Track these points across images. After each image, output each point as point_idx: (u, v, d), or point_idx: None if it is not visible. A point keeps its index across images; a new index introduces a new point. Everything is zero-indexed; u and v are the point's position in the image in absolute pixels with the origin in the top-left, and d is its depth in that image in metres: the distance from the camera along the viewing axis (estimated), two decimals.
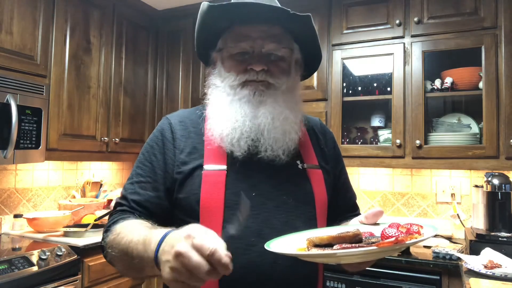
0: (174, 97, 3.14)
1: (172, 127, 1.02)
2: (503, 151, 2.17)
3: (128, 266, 0.83)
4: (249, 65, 0.96)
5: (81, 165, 3.05)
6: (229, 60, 0.99)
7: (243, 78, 0.96)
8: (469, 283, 1.58)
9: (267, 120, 0.95)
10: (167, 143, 1.00)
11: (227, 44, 1.00)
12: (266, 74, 0.96)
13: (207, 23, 1.01)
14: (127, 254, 0.80)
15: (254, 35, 0.96)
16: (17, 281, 1.80)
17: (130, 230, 0.84)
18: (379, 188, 2.80)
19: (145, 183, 0.97)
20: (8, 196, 2.54)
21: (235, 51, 0.98)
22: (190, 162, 0.96)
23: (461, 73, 2.36)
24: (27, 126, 2.19)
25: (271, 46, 0.96)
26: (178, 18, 3.16)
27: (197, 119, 1.05)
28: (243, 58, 0.97)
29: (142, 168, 1.00)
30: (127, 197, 0.97)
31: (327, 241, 0.73)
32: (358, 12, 2.57)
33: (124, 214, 0.94)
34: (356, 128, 2.76)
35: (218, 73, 1.03)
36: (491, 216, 2.14)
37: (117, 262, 0.88)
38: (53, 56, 2.39)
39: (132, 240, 0.79)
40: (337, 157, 1.15)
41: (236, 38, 0.97)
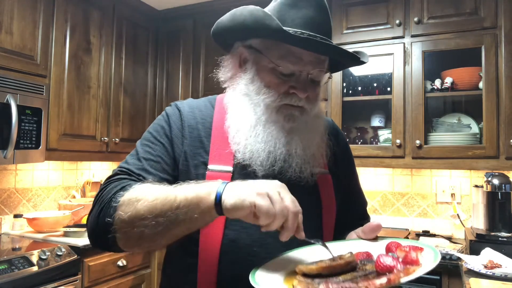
0: (174, 97, 3.14)
1: (181, 114, 0.96)
2: (503, 151, 2.17)
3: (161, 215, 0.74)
4: (292, 88, 0.89)
5: (81, 165, 3.05)
6: (270, 74, 0.90)
7: (283, 101, 0.89)
8: (469, 283, 1.58)
9: (299, 148, 0.91)
10: (175, 130, 0.94)
11: (270, 54, 0.89)
12: (306, 100, 0.90)
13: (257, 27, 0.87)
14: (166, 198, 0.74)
15: (305, 59, 0.88)
16: (17, 281, 1.80)
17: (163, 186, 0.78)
18: (379, 188, 2.80)
19: (155, 162, 0.89)
20: (8, 196, 2.54)
21: (283, 71, 0.89)
22: (194, 156, 0.91)
23: (461, 73, 2.36)
24: (27, 126, 2.19)
25: (318, 74, 0.91)
26: (178, 18, 3.16)
27: (207, 110, 0.98)
28: (288, 78, 0.89)
29: (151, 146, 0.92)
30: (133, 171, 0.87)
31: (316, 271, 0.68)
32: (358, 12, 2.57)
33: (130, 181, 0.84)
34: (356, 128, 2.76)
35: (250, 80, 0.93)
36: (491, 216, 2.14)
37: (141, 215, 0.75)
38: (53, 56, 2.39)
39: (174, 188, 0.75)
40: (349, 161, 1.11)
41: (286, 56, 0.88)
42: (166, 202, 0.74)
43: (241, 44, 0.95)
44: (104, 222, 0.78)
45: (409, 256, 0.67)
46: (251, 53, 0.94)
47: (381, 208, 2.79)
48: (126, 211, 0.76)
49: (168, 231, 0.75)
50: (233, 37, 0.96)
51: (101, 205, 0.81)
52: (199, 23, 3.08)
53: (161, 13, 3.21)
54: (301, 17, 0.88)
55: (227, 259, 0.85)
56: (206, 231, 0.86)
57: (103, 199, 0.82)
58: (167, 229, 0.75)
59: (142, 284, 2.63)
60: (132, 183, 0.81)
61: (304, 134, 0.92)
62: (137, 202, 0.75)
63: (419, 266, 0.65)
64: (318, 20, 0.90)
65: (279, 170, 0.90)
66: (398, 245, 0.73)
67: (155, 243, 0.78)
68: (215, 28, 0.97)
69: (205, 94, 2.98)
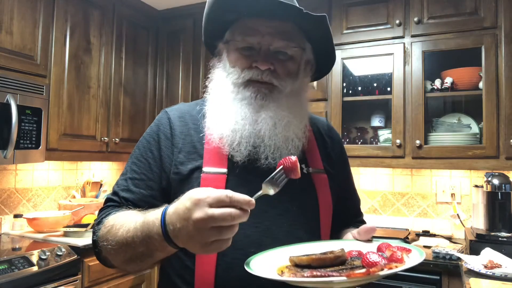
0: (174, 97, 3.14)
1: (171, 123, 0.96)
2: (503, 151, 2.17)
3: (130, 257, 0.79)
4: (254, 62, 0.90)
5: (81, 165, 3.05)
6: (234, 53, 0.94)
7: (247, 76, 0.90)
8: (469, 283, 1.58)
9: (268, 125, 0.89)
10: (165, 140, 0.94)
11: (234, 36, 0.94)
12: (272, 74, 0.90)
13: (215, 13, 0.95)
14: (127, 245, 0.77)
15: (263, 30, 0.90)
16: (17, 281, 1.80)
17: (124, 220, 0.80)
18: (379, 188, 2.80)
19: (139, 180, 0.92)
20: (8, 196, 2.54)
21: (241, 45, 0.92)
22: (188, 162, 0.91)
23: (461, 73, 2.36)
24: (27, 126, 2.19)
25: (280, 43, 0.90)
26: (178, 18, 3.16)
27: (197, 115, 0.98)
28: (249, 53, 0.91)
29: (137, 164, 0.94)
30: (119, 193, 0.92)
31: (306, 262, 0.70)
32: (358, 12, 2.57)
33: (114, 208, 0.90)
34: (356, 128, 2.76)
35: (222, 66, 0.97)
36: (491, 216, 2.14)
37: (115, 255, 0.82)
38: (53, 56, 2.39)
39: (130, 230, 0.76)
40: (344, 161, 1.10)
41: (244, 31, 0.91)
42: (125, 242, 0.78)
43: (221, 43, 0.99)
44: (95, 251, 0.90)
45: (395, 255, 0.70)
46: (224, 45, 0.98)
47: (381, 208, 2.79)
48: (103, 247, 0.84)
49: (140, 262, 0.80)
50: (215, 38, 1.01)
51: (92, 235, 0.92)
52: (199, 23, 3.05)
53: (161, 13, 3.21)
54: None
55: (224, 261, 0.85)
56: None
57: (93, 229, 0.92)
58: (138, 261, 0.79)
59: (142, 284, 2.63)
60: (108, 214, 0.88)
61: (275, 113, 0.90)
62: (107, 242, 0.82)
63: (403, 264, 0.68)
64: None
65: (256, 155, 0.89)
66: (388, 246, 0.75)
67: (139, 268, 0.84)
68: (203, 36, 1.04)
69: (206, 87, 2.97)
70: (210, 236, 0.65)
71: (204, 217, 0.63)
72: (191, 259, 0.87)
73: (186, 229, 0.66)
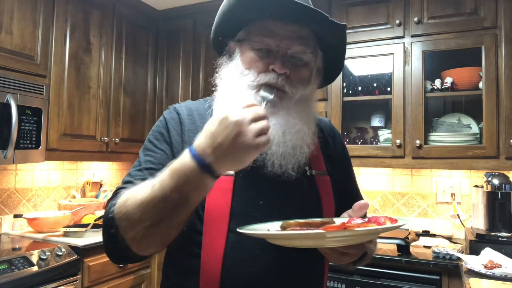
0: (174, 97, 3.14)
1: (181, 119, 0.95)
2: (503, 151, 2.17)
3: (158, 214, 0.73)
4: (271, 64, 0.88)
5: (81, 165, 3.05)
6: (250, 54, 0.91)
7: (263, 80, 0.88)
8: (469, 283, 1.58)
9: (277, 132, 0.87)
10: (176, 136, 0.93)
11: (250, 36, 0.92)
12: (286, 80, 0.88)
13: (235, 10, 0.91)
14: (155, 198, 0.72)
15: (282, 33, 0.88)
16: (17, 281, 1.80)
17: (142, 185, 0.77)
18: (379, 188, 2.80)
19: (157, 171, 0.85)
20: (8, 196, 2.54)
21: (258, 46, 0.90)
22: None
23: (461, 73, 2.36)
24: (27, 126, 2.19)
25: (298, 48, 0.89)
26: (178, 18, 3.16)
27: (205, 113, 0.97)
28: (266, 55, 0.89)
29: (152, 155, 0.91)
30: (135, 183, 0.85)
31: (295, 225, 0.72)
32: (358, 12, 2.57)
33: None
34: (356, 128, 2.76)
35: (235, 66, 0.94)
36: (491, 216, 2.14)
37: (137, 222, 0.74)
38: (53, 56, 2.39)
39: (155, 184, 0.73)
40: (347, 162, 1.10)
41: (262, 32, 0.89)
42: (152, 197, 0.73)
43: (233, 41, 0.97)
44: (110, 234, 0.78)
45: (378, 220, 0.72)
46: (237, 45, 0.96)
47: (381, 208, 2.79)
48: (122, 214, 0.76)
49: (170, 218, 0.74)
50: (225, 36, 0.98)
51: (104, 220, 0.82)
52: (199, 23, 3.08)
53: (161, 13, 3.21)
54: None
55: (230, 261, 0.85)
56: (208, 233, 0.85)
57: (104, 214, 0.83)
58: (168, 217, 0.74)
59: (142, 284, 2.63)
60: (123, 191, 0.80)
61: (284, 121, 0.89)
62: (127, 202, 0.75)
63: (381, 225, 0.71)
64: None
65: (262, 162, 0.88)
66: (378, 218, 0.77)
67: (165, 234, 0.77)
68: (212, 33, 1.00)
69: (205, 94, 2.98)
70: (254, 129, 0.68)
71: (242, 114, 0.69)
72: (196, 260, 0.86)
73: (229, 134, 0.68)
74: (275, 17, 0.89)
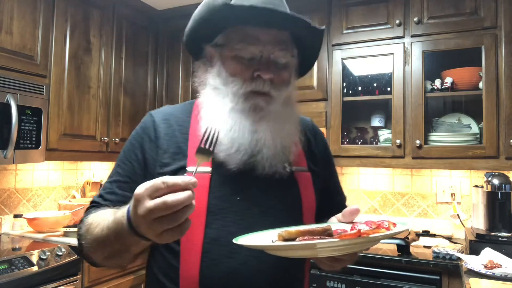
0: (174, 97, 3.14)
1: (155, 125, 0.97)
2: (503, 151, 2.17)
3: (108, 254, 0.81)
4: (256, 71, 0.89)
5: (81, 165, 3.05)
6: (233, 61, 0.92)
7: (249, 87, 0.90)
8: (469, 283, 1.58)
9: (267, 136, 0.90)
10: (149, 142, 0.95)
11: (231, 42, 0.92)
12: (271, 85, 0.90)
13: (213, 19, 0.92)
14: (103, 243, 0.79)
15: (264, 39, 0.89)
16: (17, 281, 1.80)
17: (100, 218, 0.82)
18: (379, 188, 2.80)
19: (124, 183, 0.94)
20: (8, 196, 2.54)
21: (243, 54, 0.90)
22: (173, 163, 0.92)
23: (461, 73, 2.36)
24: (27, 126, 2.19)
25: (280, 53, 0.91)
26: (178, 18, 3.16)
27: (184, 116, 0.99)
28: (250, 62, 0.90)
29: (122, 167, 0.96)
30: (104, 196, 0.94)
31: (296, 235, 0.72)
32: (358, 12, 2.57)
33: (97, 208, 0.91)
34: (356, 128, 2.76)
35: (217, 73, 0.94)
36: (491, 216, 2.14)
37: (94, 253, 0.85)
38: (53, 56, 2.39)
39: (104, 228, 0.78)
40: (328, 160, 1.12)
41: (244, 39, 0.90)
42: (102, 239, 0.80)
43: (209, 45, 0.97)
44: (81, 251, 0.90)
45: (382, 224, 0.73)
46: (216, 50, 0.96)
47: (381, 208, 2.79)
48: (84, 246, 0.87)
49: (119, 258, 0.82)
50: (201, 39, 0.99)
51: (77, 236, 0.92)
52: None
53: (161, 13, 3.21)
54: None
55: (208, 257, 0.86)
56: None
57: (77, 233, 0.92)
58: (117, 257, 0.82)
59: (142, 284, 2.63)
60: (88, 214, 0.90)
61: (273, 124, 0.92)
62: (86, 240, 0.85)
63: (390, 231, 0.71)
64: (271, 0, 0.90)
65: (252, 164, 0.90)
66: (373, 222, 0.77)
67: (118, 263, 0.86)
68: (185, 37, 1.02)
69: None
70: (157, 228, 0.64)
71: (145, 211, 0.64)
72: (176, 258, 0.87)
73: (140, 224, 0.67)
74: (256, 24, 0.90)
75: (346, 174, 2.88)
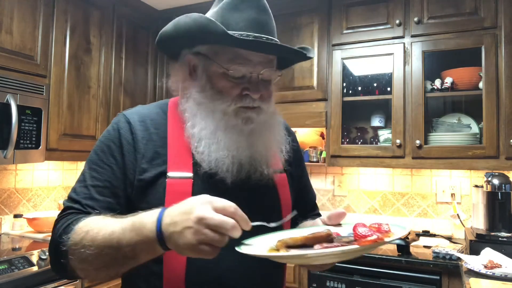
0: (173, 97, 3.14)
1: (131, 128, 0.92)
2: (503, 151, 2.17)
3: (110, 260, 0.77)
4: (245, 90, 0.89)
5: (81, 165, 3.04)
6: (221, 79, 0.90)
7: (239, 104, 0.89)
8: (469, 283, 1.58)
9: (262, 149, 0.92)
10: (127, 145, 0.90)
11: (219, 59, 0.89)
12: (260, 100, 0.91)
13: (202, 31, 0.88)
14: (110, 247, 0.75)
15: (255, 60, 0.89)
16: (17, 281, 1.80)
17: (103, 224, 0.78)
18: (379, 188, 2.80)
19: (103, 188, 0.88)
20: (8, 196, 2.54)
21: (234, 74, 0.89)
22: (152, 168, 0.89)
23: (461, 73, 2.36)
24: (27, 126, 2.19)
25: (269, 72, 0.92)
26: None
27: (159, 119, 0.96)
28: (240, 81, 0.89)
29: (98, 171, 0.89)
30: (81, 202, 0.87)
31: (301, 242, 0.72)
32: (358, 12, 2.57)
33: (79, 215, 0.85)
34: (356, 128, 2.76)
35: (202, 87, 0.92)
36: (491, 216, 2.14)
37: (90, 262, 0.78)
38: (53, 56, 2.39)
39: (114, 231, 0.75)
40: (299, 159, 1.14)
41: (234, 59, 0.88)
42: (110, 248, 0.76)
43: (189, 52, 0.95)
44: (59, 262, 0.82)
45: (381, 228, 0.75)
46: (200, 60, 0.93)
47: (381, 208, 2.79)
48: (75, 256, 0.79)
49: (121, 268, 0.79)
50: (178, 45, 0.96)
51: (53, 245, 0.84)
52: None
53: (161, 13, 3.21)
54: (244, 20, 0.89)
55: (194, 264, 0.85)
56: None
57: (54, 239, 0.84)
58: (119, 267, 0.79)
59: None
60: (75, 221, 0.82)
61: (264, 134, 0.94)
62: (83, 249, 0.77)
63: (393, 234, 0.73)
64: (261, 21, 0.91)
65: (246, 174, 0.91)
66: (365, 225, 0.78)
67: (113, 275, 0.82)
68: (159, 38, 0.99)
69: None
70: (204, 236, 0.66)
71: (206, 215, 0.66)
72: (158, 264, 0.85)
73: (184, 224, 0.68)
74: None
75: (346, 174, 2.88)
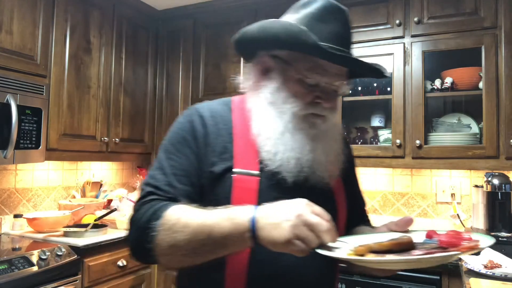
0: (174, 97, 3.14)
1: (204, 121, 0.95)
2: (503, 151, 2.17)
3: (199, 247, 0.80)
4: (317, 98, 0.92)
5: (81, 165, 3.05)
6: (297, 84, 0.92)
7: (309, 110, 0.92)
8: (469, 283, 1.58)
9: (321, 154, 0.94)
10: (201, 138, 0.94)
11: (298, 65, 0.92)
12: (328, 109, 0.94)
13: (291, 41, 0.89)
14: (202, 233, 0.78)
15: (332, 71, 0.92)
16: (17, 281, 1.80)
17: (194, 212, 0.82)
18: (379, 188, 2.80)
19: (181, 176, 0.91)
20: (8, 196, 2.54)
21: (309, 81, 0.91)
22: (220, 162, 0.92)
23: (461, 73, 2.36)
24: (27, 126, 2.19)
25: (341, 85, 0.95)
26: (178, 18, 3.16)
27: (226, 114, 0.98)
28: (313, 88, 0.92)
29: (176, 160, 0.92)
30: (161, 188, 0.89)
31: (386, 247, 0.74)
32: (358, 12, 2.57)
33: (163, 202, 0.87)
34: (356, 128, 2.76)
35: (276, 89, 0.94)
36: (491, 216, 2.14)
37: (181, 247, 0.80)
38: (53, 56, 2.39)
39: (207, 218, 0.79)
40: (353, 165, 1.15)
41: (314, 68, 0.91)
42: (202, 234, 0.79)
43: (266, 53, 0.96)
44: (144, 247, 0.83)
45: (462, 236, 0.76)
46: (276, 63, 0.95)
47: (381, 208, 2.79)
48: (165, 241, 0.81)
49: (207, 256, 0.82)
50: (257, 46, 0.98)
51: (138, 231, 0.85)
52: (199, 23, 3.08)
53: (161, 13, 3.21)
54: (329, 32, 0.92)
55: (256, 258, 0.87)
56: None
57: (139, 224, 0.85)
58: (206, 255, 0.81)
59: (142, 284, 2.63)
60: (163, 207, 0.84)
61: (326, 141, 0.96)
62: (175, 234, 0.80)
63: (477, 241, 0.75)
64: (344, 35, 0.96)
65: (306, 177, 0.93)
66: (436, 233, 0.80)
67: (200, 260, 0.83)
68: (240, 37, 0.98)
69: (205, 94, 2.98)
70: (300, 232, 0.71)
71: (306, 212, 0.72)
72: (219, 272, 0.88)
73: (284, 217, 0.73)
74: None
75: None
